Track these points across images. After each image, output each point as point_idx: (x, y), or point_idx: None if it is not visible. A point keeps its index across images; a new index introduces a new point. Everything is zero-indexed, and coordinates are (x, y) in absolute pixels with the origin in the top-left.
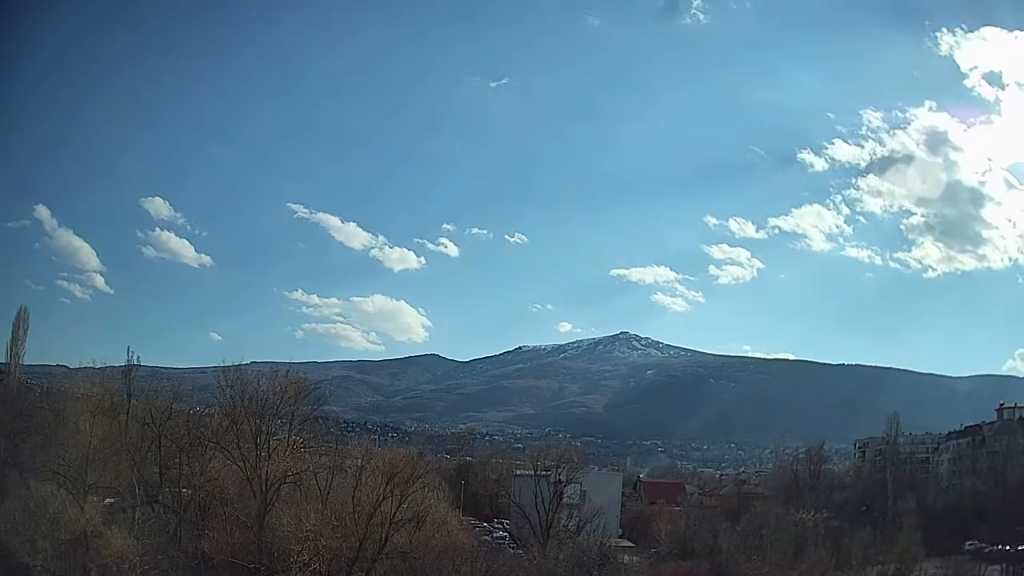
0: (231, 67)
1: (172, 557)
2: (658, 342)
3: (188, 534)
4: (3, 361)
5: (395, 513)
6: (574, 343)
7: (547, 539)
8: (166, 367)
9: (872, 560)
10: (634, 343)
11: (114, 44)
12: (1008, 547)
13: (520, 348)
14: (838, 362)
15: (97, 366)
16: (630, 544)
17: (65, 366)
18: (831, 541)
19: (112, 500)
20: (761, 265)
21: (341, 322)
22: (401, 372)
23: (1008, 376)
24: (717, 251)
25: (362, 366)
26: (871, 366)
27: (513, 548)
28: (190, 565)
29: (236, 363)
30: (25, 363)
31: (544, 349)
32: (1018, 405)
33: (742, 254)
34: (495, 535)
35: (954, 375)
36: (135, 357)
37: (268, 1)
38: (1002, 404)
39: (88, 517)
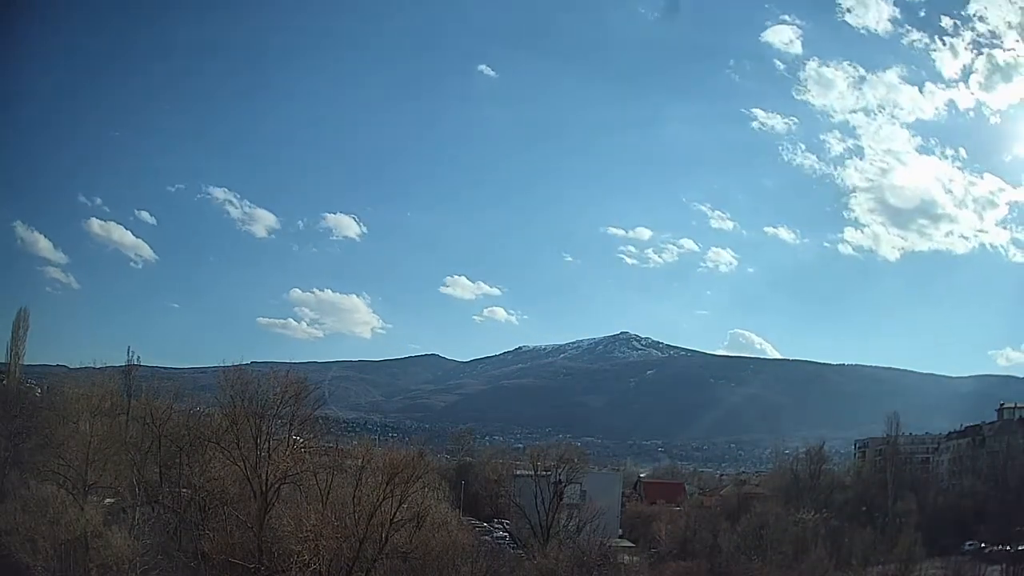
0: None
1: (172, 557)
2: (658, 342)
3: (188, 534)
4: (3, 361)
5: (395, 513)
6: (574, 343)
7: (547, 539)
8: (166, 367)
9: (872, 560)
10: (634, 343)
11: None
12: (1008, 547)
13: (520, 348)
14: (838, 362)
15: (97, 366)
16: (630, 544)
17: (65, 366)
18: (831, 541)
19: (112, 500)
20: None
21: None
22: (401, 372)
23: (1008, 376)
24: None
25: (362, 366)
26: (871, 366)
27: (513, 548)
28: (190, 565)
29: (236, 363)
30: (25, 363)
31: (544, 349)
32: (1018, 405)
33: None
34: (495, 535)
35: (954, 375)
36: (135, 357)
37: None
38: (1002, 404)
39: (88, 517)
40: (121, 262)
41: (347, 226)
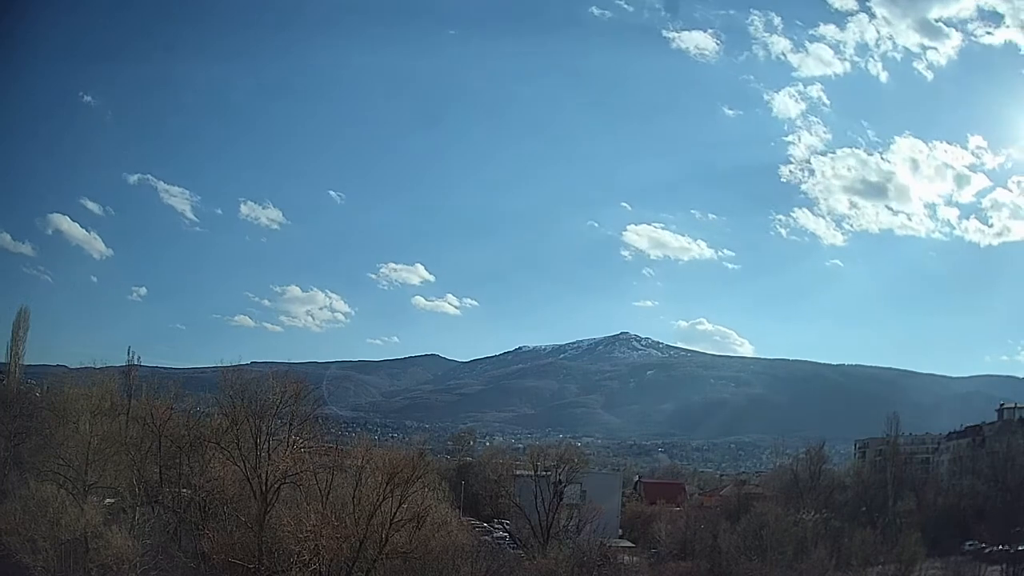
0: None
1: (172, 557)
2: (658, 342)
3: (188, 534)
4: (3, 361)
5: (395, 513)
6: (574, 343)
7: (547, 539)
8: (166, 367)
9: (872, 560)
10: (634, 343)
11: None
12: (1008, 547)
13: (520, 348)
14: (838, 362)
15: (97, 366)
16: (630, 544)
17: (65, 366)
18: (831, 541)
19: (112, 500)
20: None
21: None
22: (401, 372)
23: (1008, 376)
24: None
25: (362, 366)
26: (871, 366)
27: (513, 548)
28: (190, 565)
29: (235, 363)
30: (25, 363)
31: (544, 349)
32: (1018, 405)
33: None
34: (495, 535)
35: (954, 375)
36: (135, 357)
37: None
38: (1002, 404)
39: (88, 517)
40: (83, 255)
41: (269, 215)
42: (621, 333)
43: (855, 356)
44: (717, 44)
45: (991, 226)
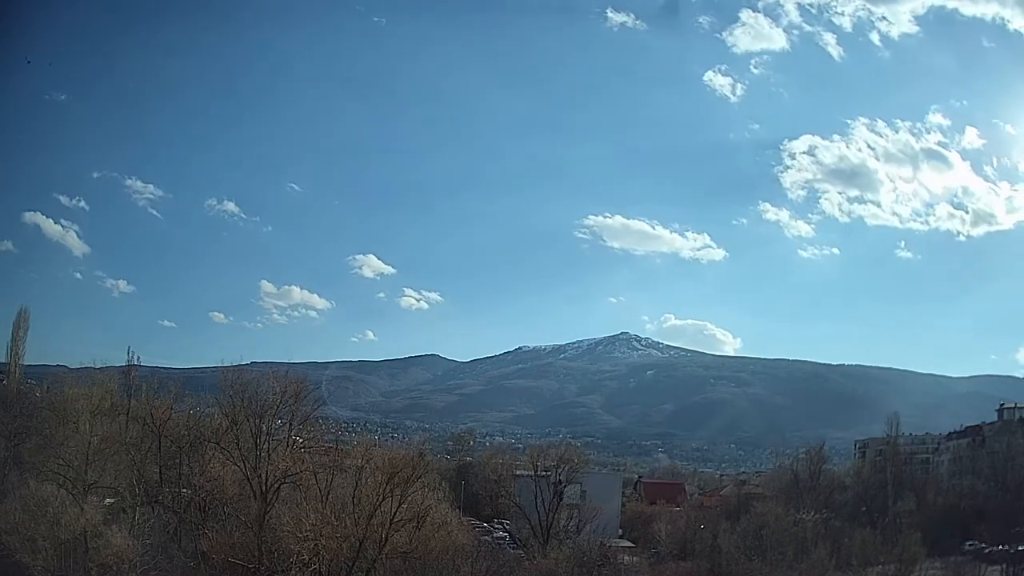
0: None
1: (172, 557)
2: (658, 342)
3: (188, 534)
4: (3, 361)
5: (395, 513)
6: (574, 343)
7: (547, 539)
8: (166, 367)
9: (872, 560)
10: (634, 343)
11: None
12: (1008, 547)
13: (520, 348)
14: (838, 362)
15: (97, 366)
16: (630, 544)
17: (65, 366)
18: (831, 541)
19: (112, 500)
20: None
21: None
22: (401, 372)
23: (1008, 376)
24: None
25: (362, 366)
26: (871, 366)
27: (513, 548)
28: (190, 565)
29: (236, 363)
30: (25, 363)
31: (544, 349)
32: (1018, 405)
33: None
34: (495, 535)
35: (954, 375)
36: (135, 357)
37: None
38: (1002, 404)
39: (88, 517)
40: (64, 252)
41: (229, 209)
42: (621, 333)
43: (855, 356)
44: (648, 27)
45: (968, 212)
